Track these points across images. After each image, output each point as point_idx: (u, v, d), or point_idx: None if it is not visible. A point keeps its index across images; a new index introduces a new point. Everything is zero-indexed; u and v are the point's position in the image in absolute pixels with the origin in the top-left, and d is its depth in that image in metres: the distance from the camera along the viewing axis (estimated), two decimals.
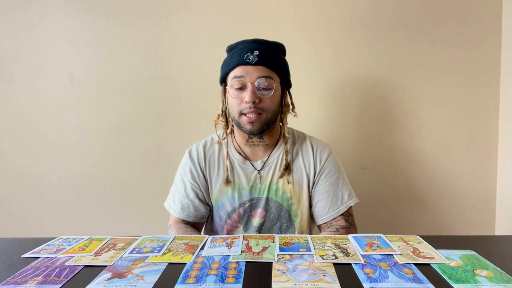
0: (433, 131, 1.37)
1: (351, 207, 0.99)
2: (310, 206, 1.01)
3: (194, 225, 1.00)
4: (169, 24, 1.35)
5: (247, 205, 0.98)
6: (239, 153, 1.00)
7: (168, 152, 1.39)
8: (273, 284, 0.47)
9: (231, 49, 0.98)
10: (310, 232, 1.07)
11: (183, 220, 0.98)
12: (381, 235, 0.65)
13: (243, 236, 0.65)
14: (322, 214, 0.98)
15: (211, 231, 1.04)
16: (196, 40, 1.35)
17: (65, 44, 1.37)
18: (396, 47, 1.34)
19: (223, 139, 1.01)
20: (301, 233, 1.01)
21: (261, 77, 0.89)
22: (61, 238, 0.68)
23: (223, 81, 0.98)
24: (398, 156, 1.39)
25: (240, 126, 0.94)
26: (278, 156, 1.00)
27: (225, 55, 1.02)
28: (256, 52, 0.90)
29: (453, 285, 0.47)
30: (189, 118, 1.38)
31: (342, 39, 1.34)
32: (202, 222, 1.01)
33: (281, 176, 0.98)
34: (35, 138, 1.41)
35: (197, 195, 0.99)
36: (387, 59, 1.35)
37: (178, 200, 1.00)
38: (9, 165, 1.43)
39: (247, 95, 0.89)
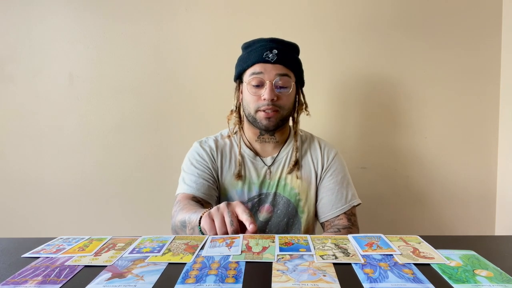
0: (433, 131, 1.37)
1: (354, 207, 1.00)
2: (316, 202, 1.02)
3: (203, 206, 0.95)
4: (169, 24, 1.35)
5: (255, 200, 0.99)
6: (250, 149, 1.01)
7: (168, 152, 1.39)
8: (273, 284, 0.47)
9: (247, 46, 0.98)
10: (314, 230, 1.08)
11: (193, 197, 0.93)
12: (381, 235, 0.65)
13: (243, 236, 0.65)
14: (326, 211, 0.99)
15: None
16: (196, 40, 1.35)
17: (65, 44, 1.37)
18: (396, 48, 1.34)
19: (235, 133, 1.02)
20: (307, 229, 1.01)
21: (280, 75, 0.91)
22: (61, 238, 0.68)
23: (238, 77, 0.98)
24: (398, 156, 1.38)
25: (255, 122, 0.95)
26: (287, 152, 1.01)
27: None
28: (275, 51, 0.92)
29: (453, 285, 0.47)
30: (189, 118, 1.38)
31: (343, 39, 1.34)
32: (211, 204, 0.97)
33: (290, 172, 0.99)
34: (35, 138, 1.41)
35: (209, 178, 0.97)
36: (387, 59, 1.35)
37: (189, 180, 0.96)
38: (9, 165, 1.43)
39: (265, 93, 0.90)
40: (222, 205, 0.68)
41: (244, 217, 0.64)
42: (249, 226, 0.63)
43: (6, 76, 1.39)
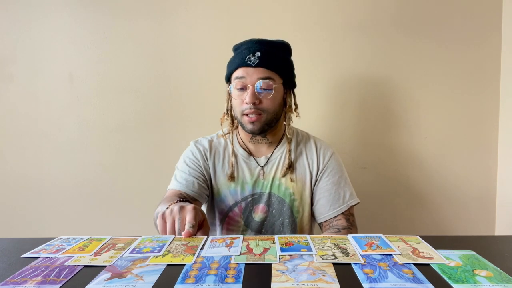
0: (433, 131, 1.37)
1: (352, 207, 1.00)
2: (312, 203, 1.02)
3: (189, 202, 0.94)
4: (169, 24, 1.35)
5: (249, 199, 0.99)
6: (244, 149, 1.01)
7: (168, 152, 1.39)
8: (272, 284, 0.47)
9: (236, 48, 0.99)
10: (311, 231, 1.07)
11: (180, 193, 0.94)
12: (381, 235, 0.65)
13: (243, 237, 0.65)
14: (323, 212, 0.98)
15: (210, 224, 1.04)
16: (196, 40, 1.35)
17: (65, 44, 1.37)
18: (396, 47, 1.34)
19: (227, 134, 1.03)
20: (302, 230, 1.01)
21: (262, 78, 0.90)
22: (60, 238, 0.68)
23: (228, 80, 0.99)
24: (398, 156, 1.38)
25: (242, 126, 0.96)
26: (281, 152, 1.01)
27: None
28: (258, 54, 0.91)
29: (452, 285, 0.47)
30: (189, 118, 1.38)
31: (342, 39, 1.34)
32: (199, 201, 0.97)
33: (284, 175, 0.99)
34: (35, 138, 1.41)
35: (199, 177, 0.98)
36: (387, 59, 1.35)
37: (180, 177, 0.98)
38: (9, 165, 1.43)
39: (247, 97, 0.90)
40: (176, 209, 0.70)
41: (186, 226, 0.66)
42: (183, 233, 0.65)
43: (6, 76, 1.39)
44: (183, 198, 0.91)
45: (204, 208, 1.05)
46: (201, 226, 0.70)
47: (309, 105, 1.34)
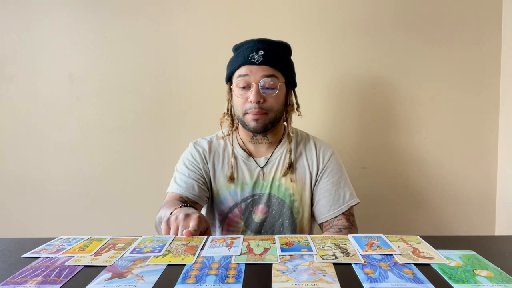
0: (433, 131, 1.37)
1: (352, 207, 1.00)
2: (312, 204, 1.01)
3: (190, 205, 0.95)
4: (169, 24, 1.35)
5: (249, 200, 0.99)
6: (243, 150, 1.01)
7: (168, 152, 1.39)
8: (273, 284, 0.47)
9: (237, 48, 0.98)
10: (311, 231, 1.07)
11: (180, 197, 0.94)
12: (381, 235, 0.65)
13: (244, 237, 0.65)
14: (324, 212, 0.98)
15: (210, 225, 1.04)
16: (196, 40, 1.35)
17: (65, 44, 1.37)
18: (396, 47, 1.34)
19: (227, 135, 1.02)
20: (302, 230, 1.01)
21: (266, 76, 0.90)
22: (61, 238, 0.68)
23: (229, 79, 0.98)
24: (398, 156, 1.38)
25: (244, 125, 0.95)
26: (281, 153, 1.01)
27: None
28: (261, 52, 0.91)
29: (453, 285, 0.47)
30: (190, 118, 1.38)
31: (343, 39, 1.34)
32: (200, 204, 0.98)
33: (284, 175, 0.98)
34: (35, 138, 1.41)
35: (199, 179, 0.98)
36: (387, 59, 1.35)
37: (180, 180, 0.98)
38: (9, 165, 1.43)
39: (251, 95, 0.90)
40: (181, 216, 0.71)
41: (187, 229, 0.67)
42: (184, 231, 0.66)
43: (6, 76, 1.39)
44: (185, 202, 0.91)
45: (204, 209, 1.05)
46: (204, 235, 0.70)
47: (310, 105, 1.34)
